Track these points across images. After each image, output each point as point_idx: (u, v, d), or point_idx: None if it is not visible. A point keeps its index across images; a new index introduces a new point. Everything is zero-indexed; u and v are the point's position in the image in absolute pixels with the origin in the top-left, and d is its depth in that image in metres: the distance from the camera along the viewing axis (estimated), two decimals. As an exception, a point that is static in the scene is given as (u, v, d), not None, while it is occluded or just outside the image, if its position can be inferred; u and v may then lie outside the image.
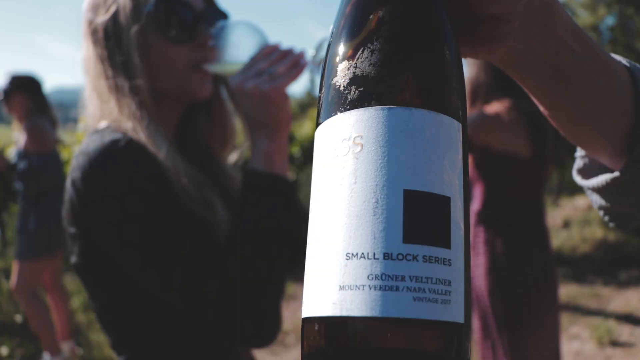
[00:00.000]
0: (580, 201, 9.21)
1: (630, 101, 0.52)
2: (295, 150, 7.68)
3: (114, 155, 0.88)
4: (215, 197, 1.01)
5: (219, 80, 1.11)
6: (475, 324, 2.28)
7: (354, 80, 0.33)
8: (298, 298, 5.11)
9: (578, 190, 10.65)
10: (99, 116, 1.00)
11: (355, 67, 0.33)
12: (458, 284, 0.30)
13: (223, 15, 1.07)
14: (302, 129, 8.26)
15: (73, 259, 0.97)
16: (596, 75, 0.50)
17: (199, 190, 0.96)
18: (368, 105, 0.32)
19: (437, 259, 0.29)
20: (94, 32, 0.98)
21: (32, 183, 3.39)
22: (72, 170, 0.91)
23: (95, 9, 0.99)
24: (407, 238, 0.29)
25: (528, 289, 2.18)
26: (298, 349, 4.19)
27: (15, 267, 3.59)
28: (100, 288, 0.97)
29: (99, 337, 4.28)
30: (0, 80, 3.54)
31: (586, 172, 0.64)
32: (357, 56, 0.33)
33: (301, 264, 0.87)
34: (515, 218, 2.24)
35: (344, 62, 0.34)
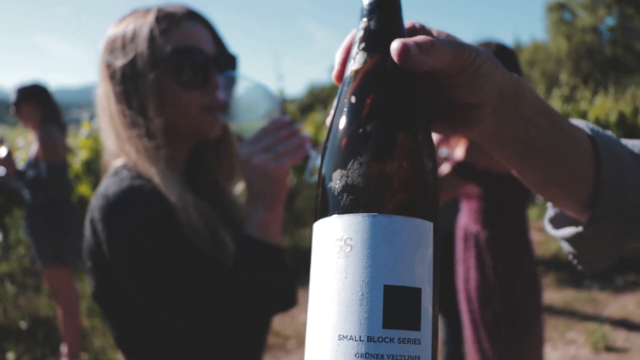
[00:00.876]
0: (578, 205, 9.31)
1: (592, 166, 0.60)
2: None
3: (130, 202, 0.98)
4: (222, 229, 1.11)
5: None
6: (468, 333, 2.36)
7: (345, 188, 0.41)
8: (300, 304, 5.20)
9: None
10: (115, 153, 1.09)
11: (347, 177, 0.41)
12: (426, 357, 0.38)
13: (233, 60, 1.16)
14: (302, 133, 8.35)
15: (91, 289, 1.06)
16: (561, 146, 0.59)
17: (207, 226, 1.05)
18: (357, 212, 0.40)
19: (409, 340, 0.38)
20: (112, 75, 1.06)
21: (40, 192, 3.47)
22: (92, 210, 1.01)
23: (112, 51, 1.07)
24: (386, 324, 0.37)
25: (518, 299, 2.26)
26: (299, 354, 4.27)
27: (44, 276, 3.73)
28: (117, 317, 1.06)
29: (103, 342, 4.37)
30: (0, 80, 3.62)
31: (556, 221, 0.72)
32: (348, 167, 0.42)
33: (302, 272, 1.00)
34: (508, 232, 2.32)
35: (337, 171, 0.42)
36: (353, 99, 0.44)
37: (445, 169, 2.26)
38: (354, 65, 0.47)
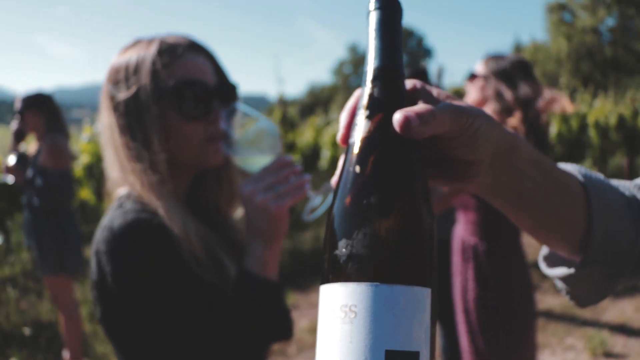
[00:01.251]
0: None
1: (583, 213, 0.63)
2: (296, 158, 7.78)
3: (135, 236, 1.02)
4: (223, 253, 1.15)
5: None
6: (465, 343, 2.40)
7: (350, 257, 0.45)
8: (299, 308, 5.24)
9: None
10: (120, 182, 1.13)
11: (352, 247, 0.45)
12: None
13: (234, 89, 1.19)
14: (302, 136, 8.39)
15: (97, 315, 1.10)
16: (554, 195, 0.62)
17: (208, 252, 1.09)
18: (361, 281, 0.43)
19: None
20: (116, 107, 1.09)
21: (48, 199, 3.49)
22: (97, 242, 1.05)
23: (116, 82, 1.10)
24: (388, 385, 0.41)
25: (516, 309, 2.30)
26: (299, 359, 4.31)
27: (46, 283, 3.76)
28: (121, 342, 1.10)
29: (105, 348, 4.40)
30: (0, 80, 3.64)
31: (550, 260, 0.76)
32: (353, 237, 0.45)
33: (302, 276, 1.07)
34: (506, 244, 2.36)
35: (343, 240, 0.46)
36: (358, 169, 0.48)
37: None
38: (359, 132, 0.50)
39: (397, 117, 0.48)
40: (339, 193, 0.49)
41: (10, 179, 3.61)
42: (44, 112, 3.59)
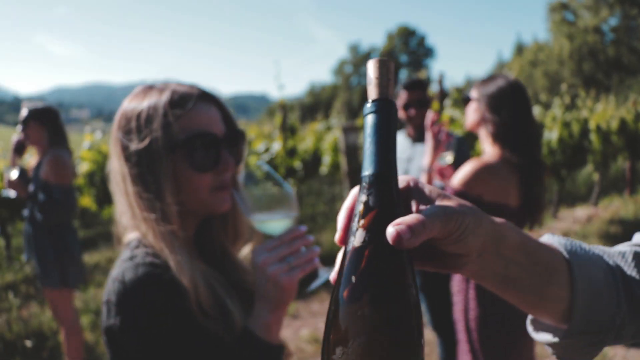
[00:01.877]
0: (580, 212, 9.31)
1: (567, 289, 0.66)
2: (297, 164, 7.78)
3: (145, 291, 1.04)
4: (229, 297, 1.16)
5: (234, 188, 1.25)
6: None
7: None
8: (300, 317, 5.25)
9: (579, 200, 10.76)
10: (131, 227, 1.15)
11: (348, 355, 0.45)
12: None
13: (242, 136, 1.22)
14: (304, 142, 8.38)
15: (108, 357, 1.12)
16: (538, 275, 0.65)
17: (215, 302, 1.11)
18: None
19: None
20: (128, 157, 1.11)
21: (51, 215, 3.48)
22: (109, 293, 1.07)
23: (128, 132, 1.11)
24: None
25: (518, 328, 2.31)
26: (301, 369, 4.31)
27: (47, 297, 3.76)
28: None
29: (107, 357, 4.40)
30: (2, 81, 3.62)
31: (536, 325, 0.79)
32: (349, 345, 0.45)
33: (303, 284, 1.11)
34: None
35: (340, 347, 0.46)
36: (353, 279, 0.48)
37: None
38: (354, 240, 0.51)
39: (390, 231, 0.50)
40: (335, 296, 0.49)
41: (12, 193, 3.59)
42: (47, 126, 3.58)
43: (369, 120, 0.55)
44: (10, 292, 6.26)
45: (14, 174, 3.57)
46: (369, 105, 0.55)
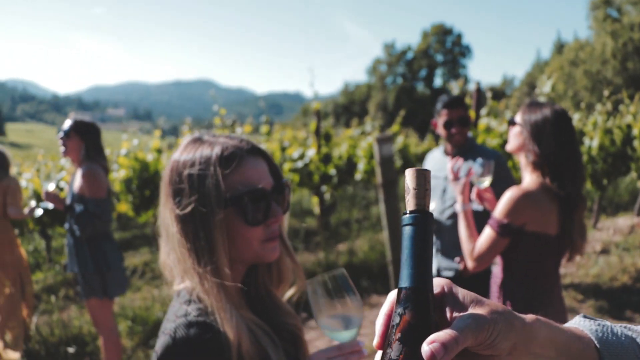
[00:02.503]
0: (622, 222, 9.01)
1: None
2: (331, 170, 7.78)
3: (192, 351, 1.07)
4: (271, 344, 1.19)
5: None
6: None
7: None
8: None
9: (621, 208, 10.42)
10: (181, 278, 1.18)
11: None
12: None
13: (288, 186, 1.24)
14: (338, 149, 8.38)
15: None
16: None
17: (257, 351, 1.13)
18: None
19: None
20: (181, 216, 1.13)
21: (88, 226, 3.57)
22: (158, 345, 1.10)
23: (179, 189, 1.14)
24: None
25: None
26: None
27: (87, 305, 3.87)
28: None
29: (143, 365, 4.50)
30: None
31: None
32: None
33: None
34: (538, 292, 2.32)
35: None
36: None
37: (488, 231, 2.27)
38: (391, 352, 0.54)
39: (425, 349, 0.53)
40: None
41: (50, 205, 3.70)
42: (86, 141, 3.67)
43: (406, 232, 0.57)
44: (51, 295, 6.45)
45: (51, 186, 3.67)
46: (406, 216, 0.57)
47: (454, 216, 3.18)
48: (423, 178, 0.57)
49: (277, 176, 1.24)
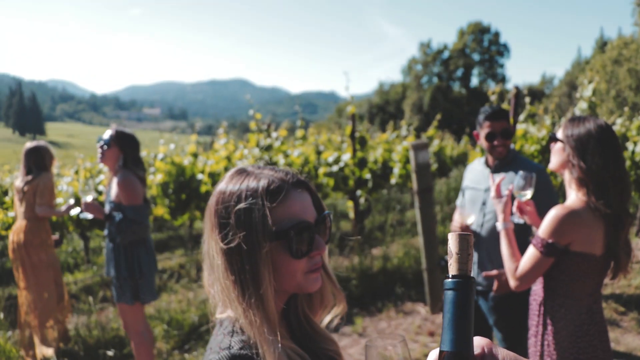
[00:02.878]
0: (667, 229, 8.67)
1: None
2: (366, 174, 7.73)
3: None
4: None
5: None
6: None
7: None
8: (367, 334, 5.21)
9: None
10: (223, 306, 1.19)
11: None
12: None
13: (330, 218, 1.25)
14: (374, 153, 8.32)
15: None
16: None
17: None
18: None
19: None
20: (225, 251, 1.14)
21: (127, 233, 3.65)
22: None
23: (225, 223, 1.15)
24: None
25: None
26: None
27: (119, 309, 3.96)
28: None
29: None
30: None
31: None
32: None
33: (369, 297, 2.06)
34: (579, 311, 2.25)
35: None
36: None
37: (532, 251, 2.22)
38: None
39: None
40: None
41: (89, 215, 3.78)
42: (125, 153, 3.74)
43: (448, 296, 0.57)
44: (89, 296, 6.60)
45: (89, 197, 3.74)
46: (449, 281, 0.58)
47: (492, 229, 3.11)
48: (466, 243, 0.58)
49: (319, 208, 1.25)
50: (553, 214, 2.17)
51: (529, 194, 2.49)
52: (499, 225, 2.49)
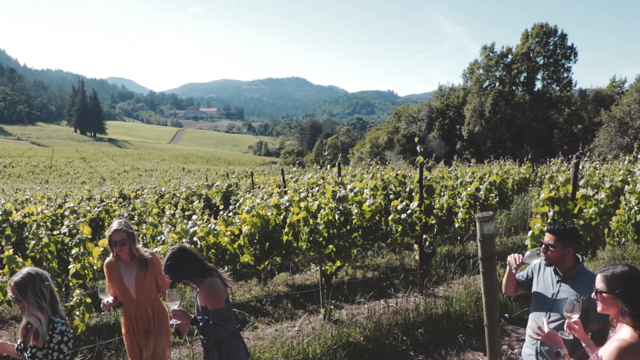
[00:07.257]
0: None
1: None
2: (432, 220, 8.25)
3: None
4: None
5: None
6: None
7: None
8: None
9: None
10: None
11: None
12: None
13: None
14: (440, 199, 8.79)
15: None
16: None
17: None
18: None
19: None
20: None
21: (211, 335, 4.08)
22: None
23: None
24: None
25: None
26: None
27: None
28: None
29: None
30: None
31: None
32: None
33: (434, 343, 3.01)
34: None
35: None
36: None
37: None
38: None
39: None
40: None
41: (177, 321, 4.12)
42: (194, 267, 4.14)
43: None
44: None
45: (175, 305, 4.12)
46: None
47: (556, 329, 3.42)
48: None
49: None
50: (616, 346, 2.54)
51: (575, 316, 3.07)
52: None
